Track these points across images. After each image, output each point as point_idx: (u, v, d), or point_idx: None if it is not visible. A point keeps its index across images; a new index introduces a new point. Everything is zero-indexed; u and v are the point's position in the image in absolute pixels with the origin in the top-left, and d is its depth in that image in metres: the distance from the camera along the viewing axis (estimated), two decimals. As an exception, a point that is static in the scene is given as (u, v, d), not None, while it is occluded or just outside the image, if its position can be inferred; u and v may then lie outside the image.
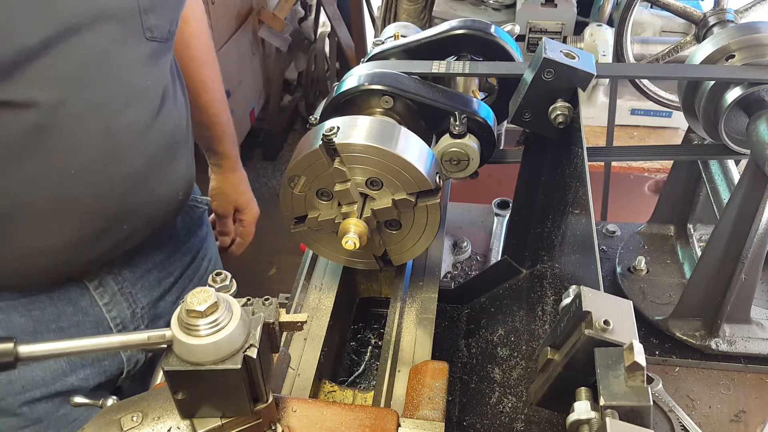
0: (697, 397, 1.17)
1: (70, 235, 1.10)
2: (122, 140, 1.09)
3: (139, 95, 1.10)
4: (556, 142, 1.00)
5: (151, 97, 1.14)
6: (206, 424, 0.66)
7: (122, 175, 1.11)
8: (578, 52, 0.95)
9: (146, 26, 1.08)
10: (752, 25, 1.10)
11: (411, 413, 0.80)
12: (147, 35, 1.09)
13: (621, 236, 1.49)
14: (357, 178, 0.88)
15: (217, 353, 0.60)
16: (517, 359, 1.02)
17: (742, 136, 1.08)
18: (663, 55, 1.30)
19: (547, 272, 1.04)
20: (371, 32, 4.07)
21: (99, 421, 0.69)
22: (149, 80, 1.13)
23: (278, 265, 3.26)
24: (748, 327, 1.22)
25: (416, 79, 1.01)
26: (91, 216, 1.11)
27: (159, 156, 1.18)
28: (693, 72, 1.12)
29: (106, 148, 1.07)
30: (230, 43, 3.28)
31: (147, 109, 1.13)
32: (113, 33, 1.03)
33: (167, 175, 1.21)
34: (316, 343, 0.96)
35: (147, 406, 0.69)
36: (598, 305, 0.63)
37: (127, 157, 1.11)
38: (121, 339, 0.63)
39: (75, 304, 1.23)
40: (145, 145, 1.14)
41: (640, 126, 2.14)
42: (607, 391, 0.58)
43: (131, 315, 1.31)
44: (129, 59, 1.08)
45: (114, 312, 1.28)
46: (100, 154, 1.07)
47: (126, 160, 1.11)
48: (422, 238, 0.95)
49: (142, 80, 1.11)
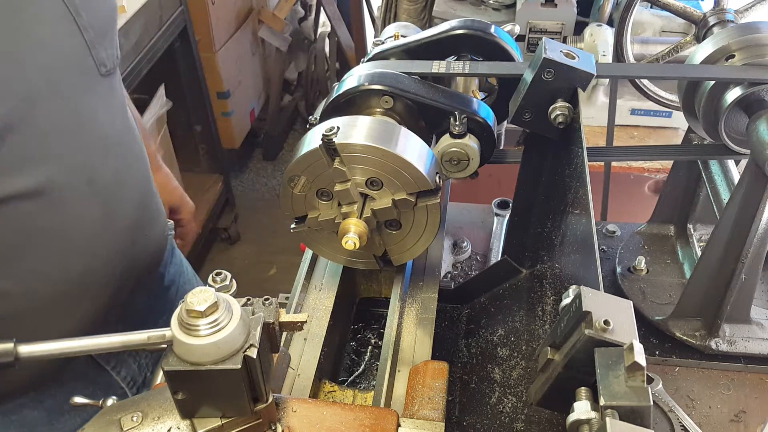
0: (697, 397, 1.17)
1: (86, 310, 1.05)
2: (111, 193, 1.03)
3: (114, 138, 1.04)
4: (556, 142, 1.00)
5: (125, 136, 1.08)
6: (206, 424, 0.66)
7: (119, 230, 1.06)
8: (578, 52, 0.95)
9: (99, 62, 1.00)
10: (752, 25, 1.10)
11: (411, 413, 0.80)
12: (102, 71, 1.01)
13: (621, 236, 1.49)
14: (357, 178, 0.88)
15: (217, 353, 0.60)
16: (517, 359, 1.02)
17: (742, 136, 1.08)
18: (663, 55, 1.30)
19: (547, 272, 1.04)
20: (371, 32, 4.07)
21: (99, 421, 0.69)
22: (116, 120, 1.06)
23: (278, 265, 3.26)
24: (748, 327, 1.22)
25: (416, 79, 1.00)
26: (100, 283, 1.05)
27: (144, 196, 1.13)
28: (693, 72, 1.12)
29: (99, 208, 1.01)
30: (230, 43, 3.28)
31: (125, 150, 1.07)
32: (73, 85, 0.95)
33: (152, 213, 1.17)
34: (316, 343, 0.96)
35: (147, 406, 0.69)
36: (598, 305, 0.63)
37: (120, 209, 1.06)
38: (122, 339, 0.63)
39: (84, 377, 1.16)
40: (130, 191, 1.08)
41: (640, 126, 2.14)
42: (607, 391, 0.58)
43: (138, 368, 1.26)
44: (95, 105, 0.99)
45: (123, 372, 1.22)
46: (96, 217, 1.01)
47: (119, 213, 1.06)
48: (422, 238, 0.95)
49: (113, 120, 1.04)
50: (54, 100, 0.91)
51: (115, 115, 1.05)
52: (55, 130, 0.92)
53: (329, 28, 4.06)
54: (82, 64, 0.96)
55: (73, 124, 0.95)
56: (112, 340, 0.63)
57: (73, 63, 0.95)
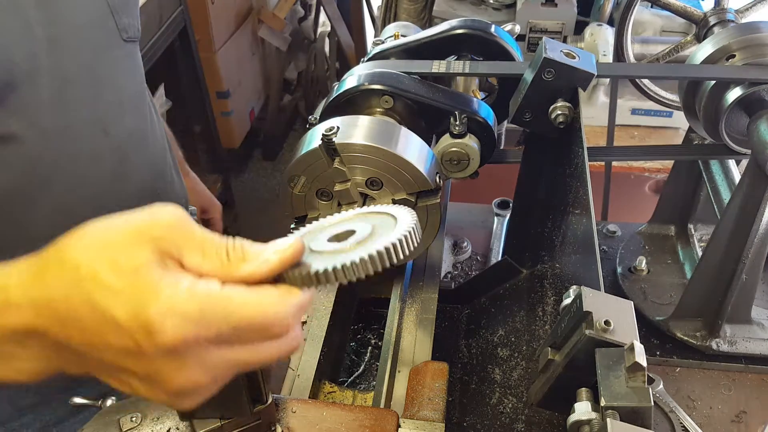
0: (698, 397, 1.17)
1: None
2: (127, 153, 1.04)
3: (131, 100, 1.06)
4: (557, 142, 0.99)
5: (141, 102, 1.10)
6: (206, 425, 0.66)
7: (133, 191, 1.06)
8: (579, 52, 0.94)
9: (120, 27, 1.03)
10: (753, 25, 1.10)
11: (411, 414, 0.80)
12: (123, 36, 1.04)
13: (621, 236, 1.49)
14: (357, 178, 0.87)
15: (216, 354, 0.59)
16: (517, 360, 1.02)
17: (743, 136, 1.08)
18: (663, 55, 1.30)
19: (547, 272, 1.04)
20: (371, 32, 4.07)
21: (98, 421, 0.69)
22: (135, 83, 1.09)
23: (278, 265, 3.24)
24: (749, 327, 1.22)
25: (416, 79, 1.00)
26: None
27: (161, 164, 1.14)
28: (693, 72, 1.12)
29: (113, 164, 1.02)
30: (230, 42, 3.28)
31: (141, 114, 1.09)
32: (95, 40, 0.98)
33: (171, 184, 1.18)
34: (315, 343, 0.96)
35: (146, 406, 0.69)
36: (598, 306, 0.63)
37: (135, 170, 1.06)
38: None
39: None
40: (148, 155, 1.10)
41: (640, 126, 2.13)
42: (607, 392, 0.58)
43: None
44: (114, 64, 1.03)
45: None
46: (108, 173, 1.01)
47: (134, 174, 1.06)
48: (422, 239, 0.94)
49: (131, 84, 1.07)
50: (75, 50, 0.94)
51: (133, 82, 1.08)
52: (75, 78, 0.94)
53: (329, 27, 4.06)
54: (104, 26, 1.00)
55: (92, 78, 0.97)
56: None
57: (95, 22, 0.98)
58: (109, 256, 0.51)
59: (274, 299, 0.54)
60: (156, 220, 0.54)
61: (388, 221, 0.57)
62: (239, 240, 0.58)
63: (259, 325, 0.53)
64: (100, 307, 0.50)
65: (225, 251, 0.56)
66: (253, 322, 0.53)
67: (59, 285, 0.52)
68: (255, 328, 0.53)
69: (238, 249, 0.56)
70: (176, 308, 0.50)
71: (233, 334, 0.53)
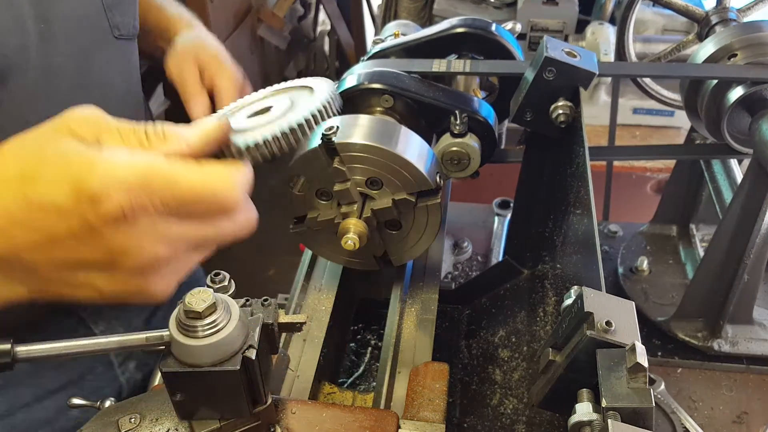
0: (700, 398, 1.16)
1: None
2: None
3: (118, 98, 1.06)
4: (558, 142, 0.99)
5: (130, 100, 1.10)
6: (205, 425, 0.66)
7: None
8: (580, 51, 0.94)
9: (113, 24, 1.03)
10: (755, 24, 1.09)
11: (411, 415, 0.80)
12: (115, 33, 1.04)
13: (623, 236, 1.48)
14: (357, 178, 0.87)
15: (215, 354, 0.59)
16: (518, 360, 1.02)
17: (745, 136, 1.08)
18: (665, 54, 1.29)
19: (548, 273, 1.03)
20: (371, 31, 4.06)
21: (97, 422, 0.68)
22: (126, 82, 1.08)
23: (277, 265, 3.25)
24: (751, 328, 1.22)
25: (416, 78, 1.00)
26: None
27: None
28: (695, 71, 1.11)
29: None
30: (229, 41, 3.27)
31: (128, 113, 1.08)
32: (85, 36, 0.98)
33: None
34: (315, 344, 0.95)
35: (145, 407, 0.69)
36: (599, 306, 0.62)
37: None
38: (119, 339, 0.63)
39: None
40: None
41: (642, 125, 2.13)
42: (609, 393, 0.58)
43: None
44: (104, 61, 1.02)
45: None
46: None
47: None
48: (423, 239, 0.94)
49: (120, 82, 1.07)
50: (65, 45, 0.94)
51: (123, 80, 1.08)
52: (62, 73, 0.94)
53: (329, 26, 4.05)
54: (96, 23, 1.00)
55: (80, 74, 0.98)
56: (110, 340, 0.63)
57: (87, 19, 0.98)
58: (33, 154, 0.52)
59: (216, 172, 0.54)
60: (69, 115, 0.56)
61: (305, 93, 0.57)
62: (161, 123, 0.59)
63: (205, 196, 0.54)
64: (37, 200, 0.50)
65: (144, 134, 0.56)
66: (198, 193, 0.53)
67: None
68: (202, 199, 0.54)
69: (159, 131, 0.57)
70: (117, 175, 0.50)
71: (182, 207, 0.53)
